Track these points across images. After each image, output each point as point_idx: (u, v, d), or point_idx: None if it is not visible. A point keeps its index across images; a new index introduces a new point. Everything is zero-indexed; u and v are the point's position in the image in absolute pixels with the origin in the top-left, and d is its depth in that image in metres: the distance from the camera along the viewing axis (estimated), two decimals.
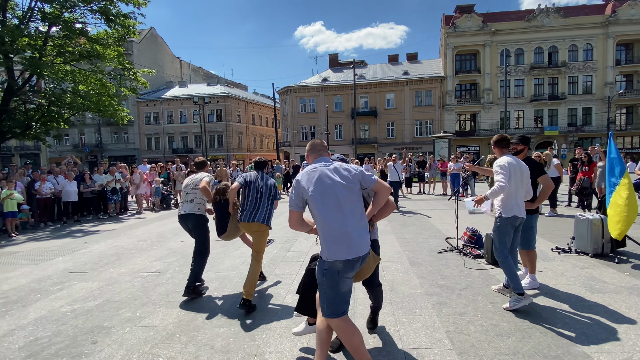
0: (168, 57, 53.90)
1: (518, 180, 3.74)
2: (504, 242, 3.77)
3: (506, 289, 4.02)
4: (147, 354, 3.01)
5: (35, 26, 15.90)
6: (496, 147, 3.99)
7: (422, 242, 6.53)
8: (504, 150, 3.93)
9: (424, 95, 39.90)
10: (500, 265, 3.79)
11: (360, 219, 2.37)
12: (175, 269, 5.43)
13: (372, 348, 3.00)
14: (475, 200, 4.00)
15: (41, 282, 5.05)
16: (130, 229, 9.12)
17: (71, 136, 46.21)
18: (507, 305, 3.68)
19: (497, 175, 3.70)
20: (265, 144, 53.68)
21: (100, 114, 17.02)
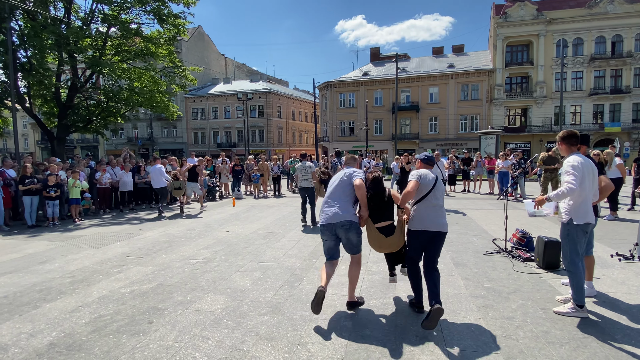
0: (214, 54, 55.89)
1: (590, 182, 3.42)
2: (576, 251, 3.45)
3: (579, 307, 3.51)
4: (197, 336, 3.19)
5: (95, 27, 17.16)
6: (563, 143, 3.63)
7: (466, 243, 6.32)
8: (572, 148, 3.58)
9: (470, 89, 38.17)
10: (569, 274, 3.51)
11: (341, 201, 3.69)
12: (222, 258, 5.68)
13: (415, 347, 2.98)
14: (536, 201, 3.66)
15: (102, 264, 5.51)
16: (180, 218, 9.64)
17: (126, 130, 49.47)
18: (560, 309, 3.48)
19: (567, 175, 3.34)
20: (304, 139, 54.21)
21: (153, 110, 18.08)
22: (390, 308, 3.70)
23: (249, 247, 6.33)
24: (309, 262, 5.35)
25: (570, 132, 3.63)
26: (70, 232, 8.19)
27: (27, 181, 8.73)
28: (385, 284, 4.36)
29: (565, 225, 3.50)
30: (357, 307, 3.73)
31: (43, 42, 14.06)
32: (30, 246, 6.86)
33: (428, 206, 3.47)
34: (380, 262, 5.26)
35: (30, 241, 7.34)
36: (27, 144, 52.80)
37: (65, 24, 15.29)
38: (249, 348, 2.98)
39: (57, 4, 16.08)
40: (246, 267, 5.15)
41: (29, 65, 15.42)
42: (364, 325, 3.33)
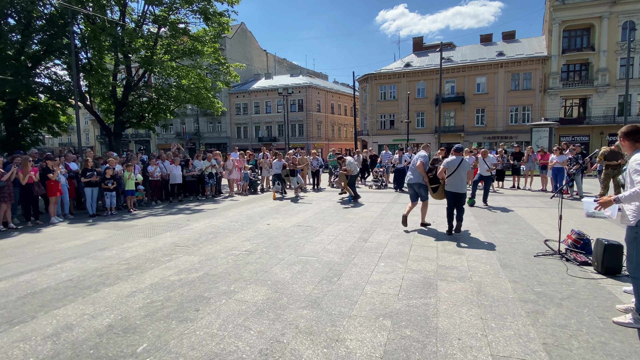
0: (256, 50, 57.07)
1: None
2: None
3: None
4: (240, 326, 3.32)
5: (147, 28, 18.18)
6: (626, 139, 3.35)
7: (515, 243, 5.98)
8: (637, 145, 3.29)
9: (521, 78, 35.79)
10: (633, 281, 3.28)
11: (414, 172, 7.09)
12: (263, 250, 5.84)
13: (457, 351, 2.88)
14: (600, 202, 3.37)
15: (154, 252, 5.88)
16: (224, 210, 10.04)
17: (174, 125, 52.14)
18: (621, 319, 3.21)
19: (637, 175, 3.09)
20: (343, 133, 54.00)
21: (199, 106, 18.90)
22: (432, 309, 3.61)
23: (288, 240, 6.46)
24: (347, 257, 5.35)
25: (635, 127, 3.32)
26: (125, 221, 8.83)
27: (88, 174, 9.51)
28: (426, 284, 4.26)
29: (634, 228, 3.21)
30: (428, 226, 7.24)
31: (101, 43, 15.16)
32: (92, 234, 7.49)
33: (454, 178, 6.47)
34: (421, 261, 5.14)
35: (91, 229, 8.00)
36: (88, 139, 57.45)
37: (121, 26, 16.34)
38: (289, 340, 3.05)
39: (113, 8, 17.21)
40: (286, 261, 5.25)
41: (89, 65, 16.72)
42: (404, 326, 3.27)
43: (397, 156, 13.86)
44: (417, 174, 6.99)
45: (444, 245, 5.89)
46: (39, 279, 4.74)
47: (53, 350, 3.00)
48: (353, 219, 8.31)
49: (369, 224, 7.68)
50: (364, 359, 2.78)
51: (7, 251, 6.28)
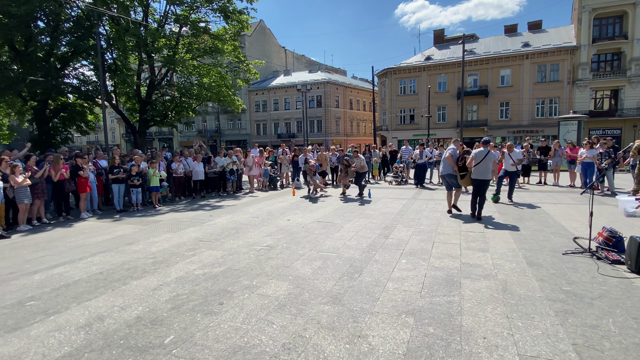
0: (275, 47, 57.31)
1: None
2: None
3: None
4: (263, 320, 3.37)
5: (169, 28, 18.54)
6: None
7: (542, 241, 5.80)
8: None
9: (548, 69, 34.48)
10: None
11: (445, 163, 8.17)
12: (283, 245, 5.90)
13: (482, 350, 2.83)
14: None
15: (179, 247, 6.04)
16: (245, 206, 10.19)
17: (196, 123, 53.17)
18: None
19: None
20: (362, 128, 53.65)
21: (220, 104, 19.18)
22: (456, 307, 3.55)
23: (308, 236, 6.49)
24: (368, 254, 5.33)
25: None
26: (151, 217, 9.09)
27: (115, 170, 9.83)
28: (450, 282, 4.19)
29: None
30: (459, 211, 8.09)
31: (125, 44, 15.57)
32: (119, 229, 7.75)
33: (481, 167, 7.36)
34: (444, 258, 5.06)
35: (118, 224, 8.29)
36: (114, 137, 59.36)
37: (144, 26, 16.74)
38: (311, 335, 3.07)
39: (137, 9, 17.63)
40: (306, 256, 5.28)
41: (114, 66, 17.22)
42: (428, 323, 3.24)
43: (417, 151, 13.65)
44: (447, 165, 8.05)
45: (467, 243, 5.78)
46: (72, 272, 4.96)
47: (86, 339, 3.13)
48: (373, 215, 8.26)
49: (389, 221, 7.61)
50: (386, 355, 2.77)
51: (42, 245, 6.59)
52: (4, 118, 25.17)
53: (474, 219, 7.46)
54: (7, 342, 3.12)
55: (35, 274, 4.92)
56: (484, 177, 7.39)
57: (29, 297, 4.11)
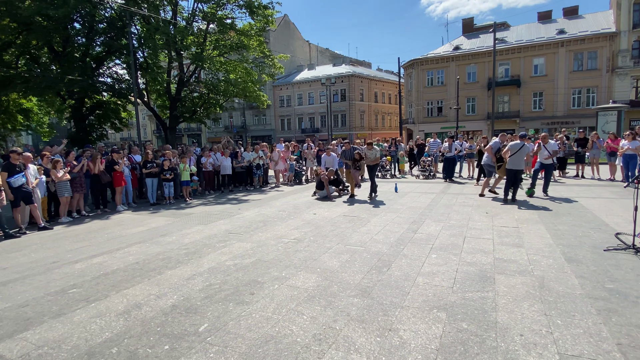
0: (299, 41, 57.31)
1: None
2: None
3: None
4: (293, 311, 3.41)
5: (197, 25, 18.92)
6: None
7: (581, 236, 5.52)
8: None
9: (585, 57, 32.59)
10: None
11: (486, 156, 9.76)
12: (310, 239, 5.92)
13: (519, 347, 2.74)
14: None
15: (210, 239, 6.20)
16: (271, 200, 10.31)
17: (223, 119, 54.12)
18: None
19: None
20: (387, 122, 52.89)
21: (246, 99, 19.45)
22: (490, 303, 3.45)
23: (335, 230, 6.48)
24: (396, 248, 5.27)
25: None
26: (182, 209, 9.38)
27: (148, 165, 10.19)
28: (483, 277, 4.08)
29: None
30: (496, 194, 9.13)
31: (156, 42, 16.03)
32: (153, 221, 8.05)
33: (516, 158, 8.11)
34: (476, 253, 4.92)
35: (152, 217, 8.61)
36: (146, 134, 61.50)
37: (173, 24, 17.16)
38: (341, 327, 3.08)
39: (166, 8, 18.10)
40: (334, 249, 5.29)
41: (145, 64, 17.78)
42: (461, 319, 3.16)
43: (447, 144, 13.31)
44: (487, 156, 9.40)
45: (500, 238, 5.59)
46: (110, 262, 5.20)
47: (125, 326, 3.28)
48: (400, 209, 8.15)
49: (417, 215, 7.49)
50: (419, 349, 2.74)
51: (81, 236, 6.95)
52: (45, 116, 26.67)
53: (506, 203, 8.31)
54: (52, 328, 3.31)
55: (76, 264, 5.19)
56: (518, 167, 8.29)
57: (71, 285, 4.34)
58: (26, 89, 15.71)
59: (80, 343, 3.02)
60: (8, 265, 5.31)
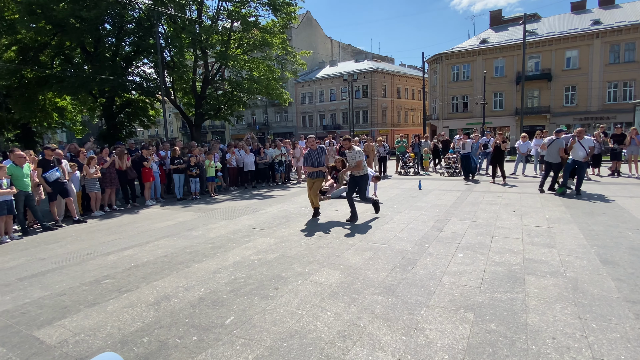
0: (321, 38, 57.20)
1: None
2: None
3: None
4: (317, 306, 3.42)
5: (221, 24, 19.21)
6: None
7: (617, 237, 5.26)
8: None
9: (622, 49, 30.87)
10: None
11: None
12: (333, 235, 5.92)
13: (551, 351, 2.64)
14: None
15: (235, 234, 6.31)
16: (294, 196, 10.39)
17: (246, 116, 54.76)
18: None
19: None
20: (410, 118, 52.05)
21: (269, 97, 19.63)
22: (519, 304, 3.34)
23: (357, 226, 6.45)
24: (420, 246, 5.19)
25: None
26: (208, 205, 9.60)
27: (176, 161, 10.48)
28: (512, 277, 3.96)
29: None
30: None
31: (182, 41, 16.42)
32: (180, 215, 8.28)
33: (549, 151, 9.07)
34: (504, 253, 4.78)
35: (179, 211, 8.85)
36: (172, 131, 63.17)
37: (198, 24, 17.52)
38: (366, 325, 3.07)
39: (191, 7, 18.48)
40: (357, 247, 5.27)
41: (172, 63, 18.25)
42: (489, 320, 3.08)
43: (463, 142, 12.55)
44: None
45: (530, 238, 5.40)
46: (140, 254, 5.39)
47: (155, 317, 3.39)
48: (424, 207, 8.02)
49: (442, 213, 7.34)
50: (445, 349, 2.69)
51: (113, 229, 7.23)
52: (78, 114, 27.89)
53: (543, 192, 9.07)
54: (87, 316, 3.47)
55: (109, 255, 5.41)
56: (553, 160, 8.99)
57: (105, 276, 4.53)
58: (61, 88, 16.48)
59: (114, 331, 3.15)
60: (46, 256, 5.60)
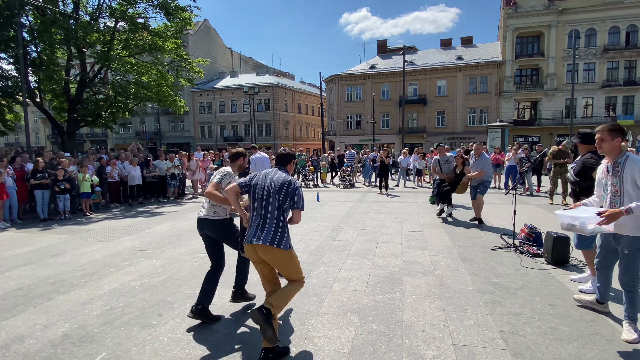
0: (220, 48, 55.80)
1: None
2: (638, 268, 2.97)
3: (599, 304, 3.43)
4: (206, 329, 3.25)
5: (104, 22, 17.24)
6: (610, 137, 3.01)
7: (474, 238, 6.29)
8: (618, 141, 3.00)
9: (479, 81, 37.65)
10: (630, 297, 2.99)
11: None
12: (229, 252, 5.71)
13: (421, 342, 2.99)
14: (607, 215, 2.81)
15: (113, 257, 5.60)
16: (188, 212, 9.74)
17: (134, 124, 49.82)
18: (629, 337, 2.96)
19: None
20: (310, 133, 54.12)
21: (160, 104, 18.19)
22: (397, 303, 3.72)
23: None
24: (315, 256, 5.38)
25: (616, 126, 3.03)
26: (81, 225, 8.32)
27: (38, 175, 8.87)
28: (392, 279, 4.38)
29: (638, 239, 2.89)
30: None
31: (52, 37, 14.19)
32: (43, 239, 6.99)
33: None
34: (387, 257, 5.27)
35: (42, 234, 7.48)
36: (38, 139, 53.54)
37: (74, 19, 15.39)
38: (256, 341, 3.02)
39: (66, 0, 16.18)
40: None
41: (39, 60, 15.57)
42: (371, 321, 3.35)
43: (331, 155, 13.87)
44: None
45: (408, 242, 6.08)
46: None
47: None
48: (321, 218, 8.36)
49: (337, 223, 7.76)
50: (332, 355, 2.82)
51: None
52: None
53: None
54: None
55: None
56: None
57: None
58: None
59: None
60: None
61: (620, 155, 2.97)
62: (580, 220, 3.06)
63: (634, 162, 2.86)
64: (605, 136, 3.02)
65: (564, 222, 3.21)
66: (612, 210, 2.81)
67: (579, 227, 3.09)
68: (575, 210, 3.21)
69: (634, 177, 2.84)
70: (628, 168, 2.88)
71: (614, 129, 3.01)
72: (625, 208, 2.76)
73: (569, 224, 3.16)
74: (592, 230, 2.99)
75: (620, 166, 2.94)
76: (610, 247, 3.16)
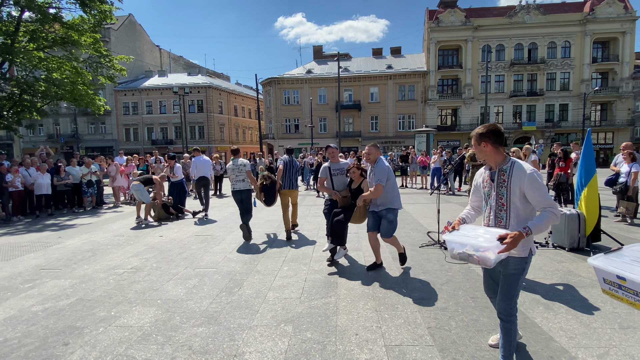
0: (147, 45, 52.23)
1: None
2: (518, 293, 2.52)
3: None
4: (121, 356, 2.89)
5: (7, 11, 15.09)
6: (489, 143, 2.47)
7: (404, 236, 6.57)
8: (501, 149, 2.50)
9: (407, 89, 40.12)
10: (505, 329, 2.50)
11: None
12: (153, 266, 5.26)
13: (354, 347, 2.98)
14: (509, 242, 2.19)
15: (11, 279, 4.81)
16: (107, 223, 8.83)
17: (45, 126, 44.39)
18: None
19: (540, 192, 2.30)
20: (248, 136, 53.00)
21: (76, 104, 16.34)
22: (332, 308, 3.69)
23: (184, 252, 5.96)
24: (250, 265, 5.17)
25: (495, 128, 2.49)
26: None
27: None
28: (327, 283, 4.36)
29: (524, 258, 2.43)
30: None
31: None
32: None
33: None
34: (322, 261, 5.25)
35: None
36: None
37: None
38: None
39: None
40: (180, 275, 4.82)
41: None
42: (305, 329, 3.27)
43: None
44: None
45: None
46: None
47: None
48: (257, 224, 8.13)
49: (274, 228, 7.59)
50: None
51: None
52: None
53: None
54: None
55: None
56: None
57: None
58: None
59: None
60: None
61: (505, 162, 2.43)
62: (472, 246, 2.33)
63: (522, 171, 2.35)
64: (473, 142, 2.56)
65: (455, 250, 2.43)
66: (513, 234, 2.22)
67: (477, 258, 2.31)
68: (460, 234, 2.46)
69: (523, 189, 2.34)
70: (516, 178, 2.36)
71: (482, 132, 2.48)
72: (525, 231, 2.24)
73: (462, 253, 2.38)
74: (495, 260, 2.26)
75: (506, 174, 2.41)
76: (494, 271, 2.62)
